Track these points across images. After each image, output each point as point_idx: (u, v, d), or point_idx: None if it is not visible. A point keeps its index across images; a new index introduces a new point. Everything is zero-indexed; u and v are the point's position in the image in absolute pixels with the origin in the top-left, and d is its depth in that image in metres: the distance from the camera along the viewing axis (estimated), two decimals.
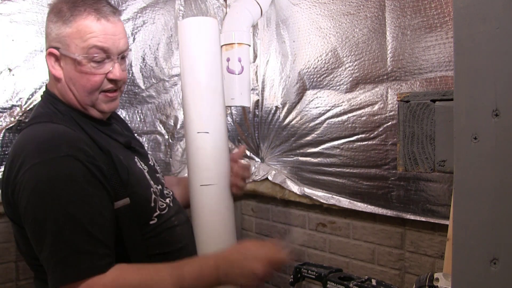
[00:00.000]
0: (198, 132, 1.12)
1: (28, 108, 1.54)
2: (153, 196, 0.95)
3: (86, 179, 0.79)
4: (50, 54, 0.89)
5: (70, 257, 0.74)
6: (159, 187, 1.00)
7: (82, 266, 0.74)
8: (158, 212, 0.95)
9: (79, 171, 0.79)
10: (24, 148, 0.80)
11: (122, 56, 0.94)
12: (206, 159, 1.12)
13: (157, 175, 1.05)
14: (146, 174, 0.97)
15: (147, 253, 0.90)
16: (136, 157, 0.98)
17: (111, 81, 0.92)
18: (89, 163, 0.80)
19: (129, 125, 1.81)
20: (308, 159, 1.80)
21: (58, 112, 0.90)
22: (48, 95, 0.94)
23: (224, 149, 1.15)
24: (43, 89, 1.57)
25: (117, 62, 0.92)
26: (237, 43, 1.62)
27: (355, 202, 1.63)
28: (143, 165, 0.99)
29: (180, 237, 1.01)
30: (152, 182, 0.97)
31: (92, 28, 0.87)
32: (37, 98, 1.57)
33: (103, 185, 0.82)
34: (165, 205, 0.98)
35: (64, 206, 0.76)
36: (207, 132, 1.12)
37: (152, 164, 1.06)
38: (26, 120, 1.54)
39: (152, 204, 0.94)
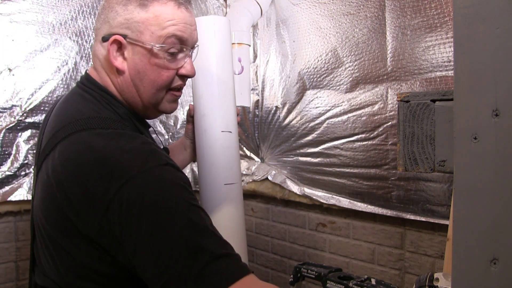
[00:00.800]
0: (222, 131, 1.11)
1: (28, 108, 1.54)
2: None
3: (189, 185, 0.70)
4: (114, 41, 0.75)
5: (215, 262, 0.62)
6: None
7: (229, 269, 0.63)
8: None
9: (183, 178, 0.70)
10: (111, 158, 0.66)
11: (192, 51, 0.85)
12: (231, 158, 1.12)
13: None
14: None
15: None
16: None
17: (181, 77, 0.82)
18: (181, 171, 0.72)
19: None
20: (308, 159, 1.80)
21: (120, 117, 0.77)
22: (102, 92, 0.79)
23: (238, 150, 1.17)
24: (43, 89, 1.61)
25: (190, 57, 0.83)
26: (237, 43, 1.63)
27: (355, 202, 1.63)
28: None
29: None
30: None
31: (173, 15, 0.76)
32: (38, 97, 1.57)
33: None
34: None
35: (185, 214, 0.65)
36: (230, 132, 1.12)
37: None
38: (26, 119, 1.54)
39: None
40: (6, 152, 1.51)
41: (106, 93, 0.79)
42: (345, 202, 1.67)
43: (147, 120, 0.90)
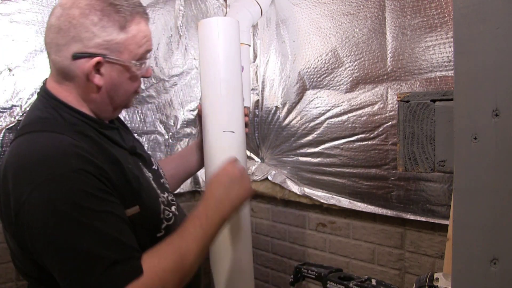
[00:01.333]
0: (224, 131, 1.11)
1: (28, 108, 1.54)
2: (162, 206, 0.90)
3: (102, 191, 0.73)
4: (95, 62, 0.79)
5: (110, 269, 0.68)
6: (165, 194, 0.95)
7: (122, 273, 0.69)
8: (166, 223, 0.89)
9: (93, 184, 0.72)
10: (27, 163, 0.71)
11: None
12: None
13: (162, 180, 0.99)
14: (152, 182, 0.92)
15: None
16: (140, 163, 0.93)
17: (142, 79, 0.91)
18: (99, 175, 0.74)
19: (129, 125, 1.82)
20: (308, 159, 1.80)
21: (60, 118, 0.80)
22: (52, 99, 0.83)
23: (244, 149, 1.16)
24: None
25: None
26: None
27: (355, 202, 1.63)
28: (147, 172, 0.93)
29: None
30: (159, 191, 0.92)
31: (146, 32, 0.83)
32: None
33: (114, 196, 0.76)
34: (171, 214, 0.92)
35: (88, 222, 0.69)
36: (233, 132, 1.12)
37: (156, 168, 1.00)
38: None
39: (161, 216, 0.89)
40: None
41: (55, 100, 0.82)
42: (345, 202, 1.67)
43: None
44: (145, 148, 1.88)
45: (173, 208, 0.94)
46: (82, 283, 0.67)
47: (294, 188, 1.86)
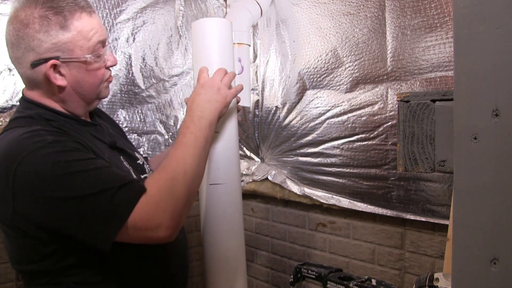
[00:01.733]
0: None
1: None
2: None
3: (81, 149, 0.79)
4: (51, 66, 0.83)
5: (115, 198, 0.74)
6: None
7: (128, 196, 0.74)
8: None
9: (71, 145, 0.78)
10: (4, 153, 0.76)
11: None
12: (216, 159, 1.12)
13: (144, 175, 1.02)
14: (132, 173, 0.96)
15: (138, 258, 0.88)
16: (121, 157, 0.97)
17: (108, 68, 0.94)
18: (76, 143, 0.80)
19: (129, 125, 1.82)
20: (308, 159, 1.80)
21: (37, 115, 0.85)
22: (27, 102, 0.89)
23: (234, 149, 1.15)
24: None
25: (108, 49, 0.93)
26: (237, 43, 1.62)
27: (355, 202, 1.63)
28: (127, 165, 0.97)
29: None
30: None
31: (91, 25, 0.86)
32: None
33: None
34: None
35: (79, 170, 0.74)
36: (217, 132, 1.12)
37: (141, 163, 1.04)
38: None
39: None
40: None
41: (30, 103, 0.88)
42: (345, 202, 1.67)
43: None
44: (145, 148, 1.89)
45: None
46: (95, 223, 0.73)
47: (294, 188, 1.86)
